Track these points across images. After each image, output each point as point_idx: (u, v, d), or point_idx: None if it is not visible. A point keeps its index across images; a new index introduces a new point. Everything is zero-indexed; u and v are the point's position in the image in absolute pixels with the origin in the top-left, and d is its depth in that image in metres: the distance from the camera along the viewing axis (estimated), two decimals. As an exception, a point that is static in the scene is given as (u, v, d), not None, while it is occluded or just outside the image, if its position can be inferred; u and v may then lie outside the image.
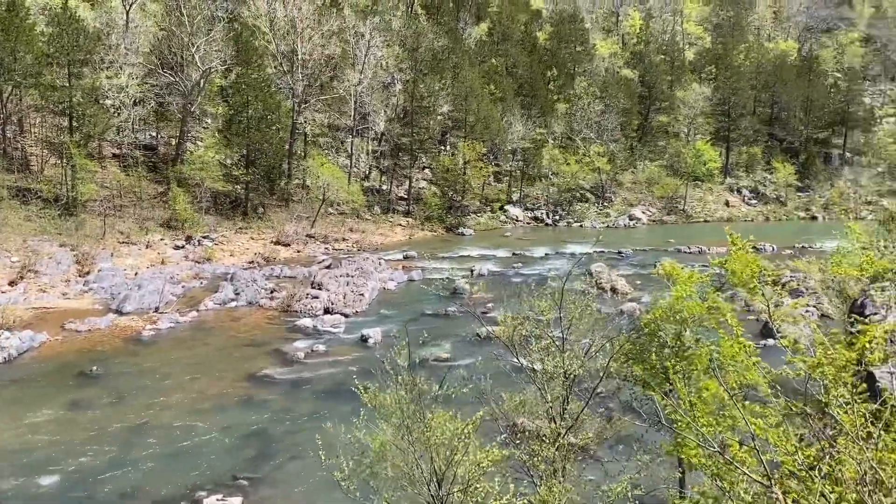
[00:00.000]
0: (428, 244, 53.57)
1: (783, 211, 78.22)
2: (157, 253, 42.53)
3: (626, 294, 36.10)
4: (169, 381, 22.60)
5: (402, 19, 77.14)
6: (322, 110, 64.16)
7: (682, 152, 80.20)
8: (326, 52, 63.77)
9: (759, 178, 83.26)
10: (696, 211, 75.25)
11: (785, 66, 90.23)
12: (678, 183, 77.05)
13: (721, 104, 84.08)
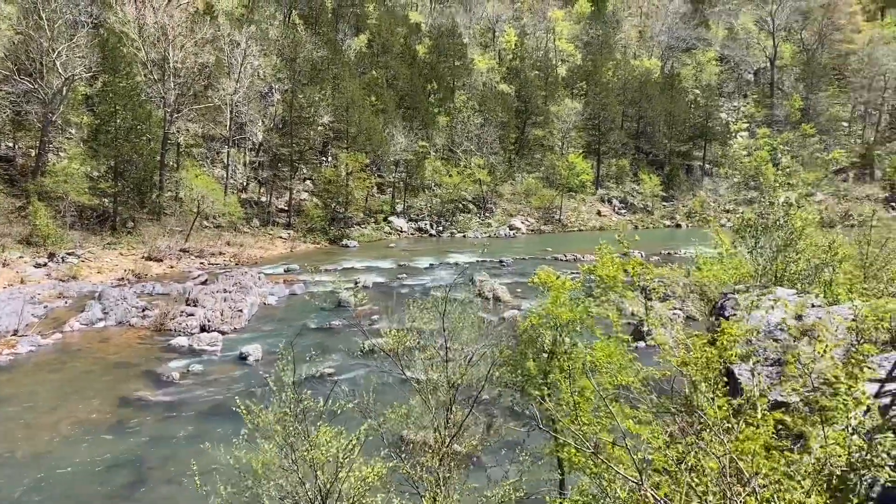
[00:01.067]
0: (311, 257, 53.01)
1: (650, 220, 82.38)
2: (15, 272, 40.07)
3: (507, 302, 36.90)
4: (31, 408, 21.26)
5: (279, 28, 76.42)
6: (196, 120, 62.35)
7: (556, 165, 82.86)
8: (200, 61, 62.20)
9: (627, 189, 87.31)
10: (571, 220, 78.06)
11: (649, 82, 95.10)
12: (554, 194, 79.71)
13: (591, 119, 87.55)
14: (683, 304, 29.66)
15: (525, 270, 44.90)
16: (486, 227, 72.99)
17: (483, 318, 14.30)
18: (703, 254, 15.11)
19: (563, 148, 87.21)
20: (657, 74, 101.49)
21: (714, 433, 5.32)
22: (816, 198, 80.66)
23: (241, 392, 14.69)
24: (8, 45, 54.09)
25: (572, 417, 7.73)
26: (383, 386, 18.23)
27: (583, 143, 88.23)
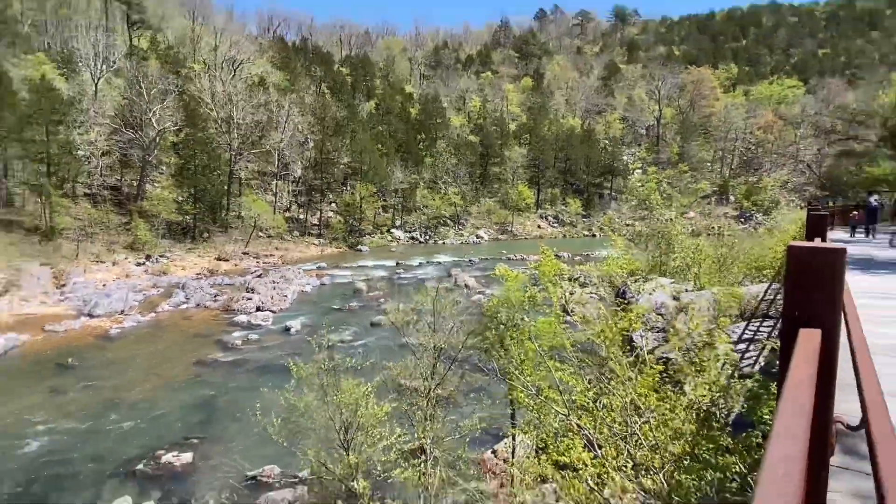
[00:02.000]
0: (335, 258, 52.81)
1: (574, 231, 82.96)
2: (122, 269, 39.53)
3: (474, 289, 36.91)
4: (133, 367, 21.01)
5: (312, 96, 76.02)
6: (253, 161, 61.93)
7: (509, 192, 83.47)
8: (256, 118, 61.82)
9: (558, 209, 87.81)
10: (519, 231, 78.45)
11: (573, 135, 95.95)
12: (507, 213, 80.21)
13: (533, 160, 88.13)
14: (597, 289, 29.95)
15: (487, 267, 44.87)
16: (460, 236, 73.11)
17: (458, 301, 14.28)
18: (610, 254, 15.28)
19: (513, 180, 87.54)
20: (579, 129, 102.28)
21: (619, 381, 5.38)
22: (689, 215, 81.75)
23: (285, 354, 14.61)
24: (117, 107, 53.54)
25: (520, 371, 7.77)
26: (386, 349, 18.22)
27: (527, 177, 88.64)
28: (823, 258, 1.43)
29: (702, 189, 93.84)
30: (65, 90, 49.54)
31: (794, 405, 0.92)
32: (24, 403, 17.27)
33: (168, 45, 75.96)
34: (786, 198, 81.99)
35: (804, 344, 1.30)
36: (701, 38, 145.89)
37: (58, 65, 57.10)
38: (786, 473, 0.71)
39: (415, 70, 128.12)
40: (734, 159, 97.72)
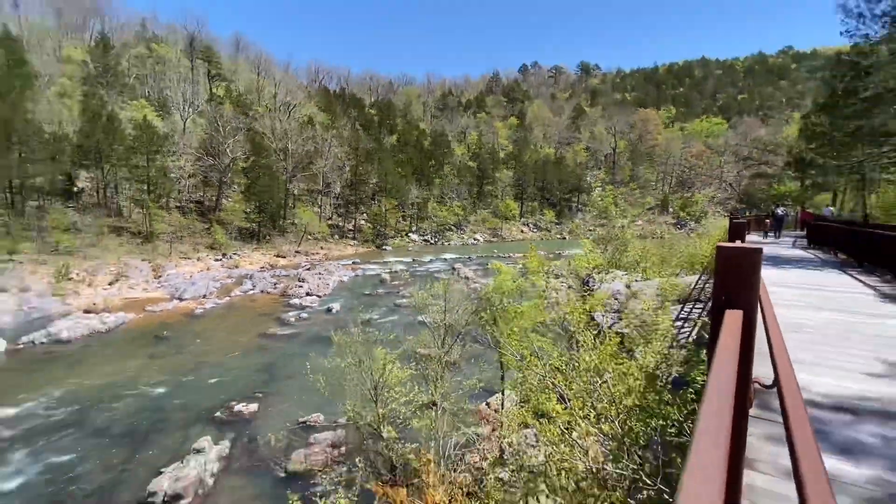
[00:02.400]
0: (366, 256, 52.77)
1: (549, 235, 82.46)
2: (204, 264, 39.69)
3: (473, 279, 36.83)
4: (212, 338, 21.10)
5: (348, 131, 76.06)
6: (303, 181, 62.17)
7: (499, 205, 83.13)
8: (305, 149, 61.92)
9: (537, 218, 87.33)
10: (507, 235, 78.08)
11: (549, 162, 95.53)
12: (498, 221, 79.80)
13: (518, 180, 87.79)
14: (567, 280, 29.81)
15: (483, 263, 44.89)
16: (461, 239, 72.86)
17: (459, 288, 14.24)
18: (579, 253, 15.22)
19: (502, 196, 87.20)
20: (553, 157, 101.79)
21: (585, 349, 5.35)
22: (637, 223, 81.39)
23: (329, 328, 14.60)
24: (200, 140, 53.77)
25: (509, 341, 7.74)
26: (407, 325, 18.20)
27: (513, 193, 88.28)
28: (745, 255, 1.42)
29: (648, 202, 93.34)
30: (160, 128, 49.80)
31: (722, 367, 0.91)
32: (132, 365, 17.41)
33: (239, 93, 76.27)
34: (713, 209, 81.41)
35: (729, 322, 1.29)
36: (647, 86, 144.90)
37: (155, 108, 57.47)
38: (718, 418, 0.71)
39: (426, 111, 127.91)
40: (672, 179, 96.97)
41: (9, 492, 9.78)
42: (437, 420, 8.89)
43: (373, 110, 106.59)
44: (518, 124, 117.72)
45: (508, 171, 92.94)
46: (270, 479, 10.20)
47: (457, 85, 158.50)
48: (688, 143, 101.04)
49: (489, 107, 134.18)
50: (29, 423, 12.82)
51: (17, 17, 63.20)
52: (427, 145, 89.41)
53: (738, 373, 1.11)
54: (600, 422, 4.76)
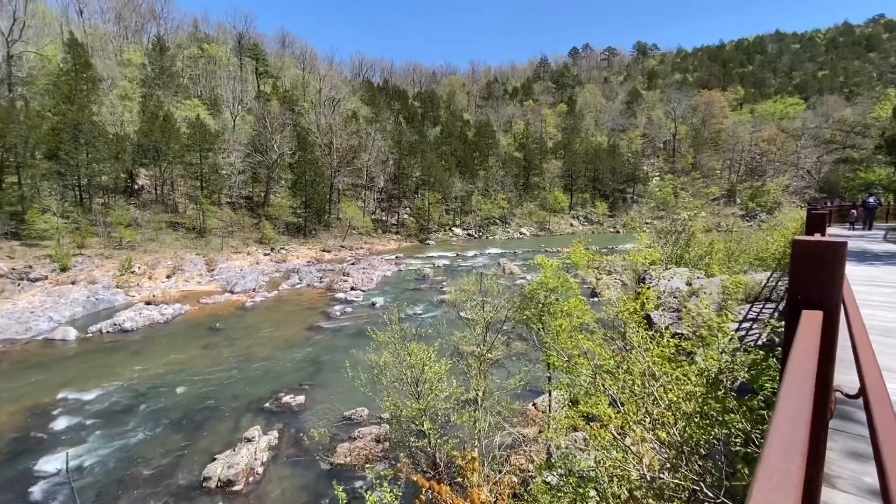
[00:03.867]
0: (409, 250, 53.47)
1: (601, 228, 79.91)
2: (253, 258, 41.69)
3: (518, 275, 36.48)
4: (261, 330, 22.17)
5: (392, 125, 77.09)
6: (348, 175, 63.74)
7: (547, 197, 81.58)
8: (350, 143, 63.43)
9: (588, 210, 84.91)
10: (555, 229, 76.49)
11: (601, 150, 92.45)
12: (545, 214, 78.33)
13: (567, 171, 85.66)
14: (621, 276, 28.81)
15: (528, 258, 44.31)
16: (506, 233, 72.19)
17: (503, 284, 14.10)
18: (634, 247, 14.59)
19: (550, 188, 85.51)
20: (605, 145, 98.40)
21: (637, 351, 5.16)
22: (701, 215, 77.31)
23: (372, 323, 14.97)
24: (249, 137, 56.28)
25: (555, 340, 7.60)
26: (448, 321, 18.30)
27: (562, 185, 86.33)
28: (826, 249, 1.30)
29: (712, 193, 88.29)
30: (212, 125, 52.71)
31: (798, 372, 0.84)
32: (188, 355, 18.65)
33: (285, 90, 79.18)
34: (787, 200, 75.80)
35: (807, 323, 1.19)
36: (712, 66, 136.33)
37: (207, 107, 60.77)
38: (793, 427, 0.66)
39: (471, 101, 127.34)
40: (741, 167, 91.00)
41: (82, 469, 10.79)
42: (480, 419, 8.90)
43: (416, 102, 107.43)
44: (567, 111, 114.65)
45: (557, 161, 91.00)
46: (316, 471, 10.63)
47: (502, 72, 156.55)
48: (758, 126, 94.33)
49: (536, 94, 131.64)
50: (99, 406, 14.07)
51: (82, 23, 68.80)
52: (471, 136, 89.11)
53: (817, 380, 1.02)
54: (656, 428, 4.58)
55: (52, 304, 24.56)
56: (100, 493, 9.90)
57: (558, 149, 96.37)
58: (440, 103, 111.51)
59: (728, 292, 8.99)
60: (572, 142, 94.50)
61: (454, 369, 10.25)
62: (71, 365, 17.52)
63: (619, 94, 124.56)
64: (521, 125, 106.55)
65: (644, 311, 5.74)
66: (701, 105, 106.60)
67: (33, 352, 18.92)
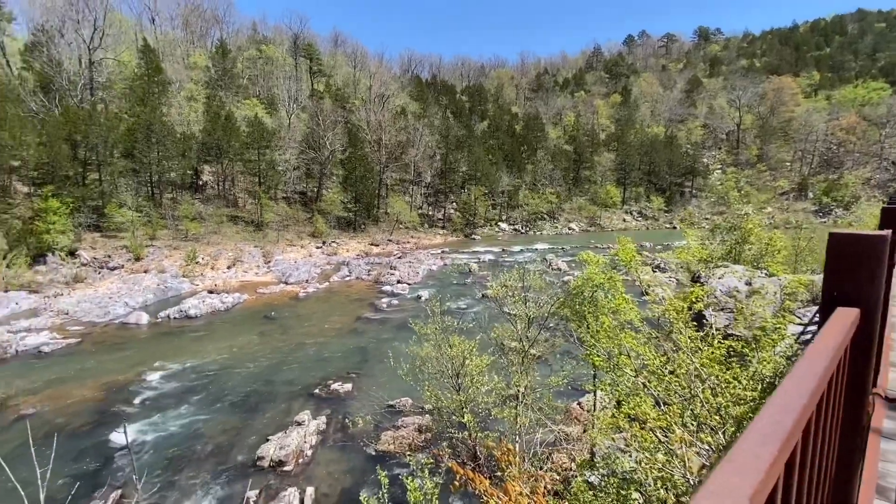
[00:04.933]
0: (455, 245, 53.74)
1: (657, 224, 76.61)
2: (306, 251, 43.36)
3: (566, 271, 35.73)
4: (312, 320, 23.10)
5: (440, 120, 77.46)
6: (396, 171, 64.82)
7: (598, 192, 79.19)
8: (398, 139, 64.43)
9: (642, 205, 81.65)
10: (606, 224, 74.11)
11: (656, 141, 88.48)
12: (596, 209, 76.15)
13: (620, 164, 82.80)
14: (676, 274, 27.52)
15: (577, 253, 43.23)
16: (555, 228, 70.83)
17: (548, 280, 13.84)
18: (685, 244, 13.84)
19: (602, 181, 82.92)
20: (662, 136, 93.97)
21: (684, 352, 4.96)
22: (767, 210, 72.33)
23: (417, 315, 15.16)
24: (303, 134, 58.44)
25: (596, 339, 7.43)
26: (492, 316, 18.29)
27: (614, 178, 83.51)
28: (865, 244, 1.23)
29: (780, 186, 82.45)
30: (269, 124, 55.20)
31: (807, 366, 0.82)
32: (245, 341, 19.81)
33: (337, 88, 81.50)
34: (867, 194, 69.26)
35: (837, 319, 1.13)
36: (783, 50, 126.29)
37: (264, 106, 63.69)
38: (780, 417, 0.63)
39: (519, 94, 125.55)
40: (814, 159, 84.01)
41: (147, 444, 11.79)
42: (521, 414, 8.87)
43: (464, 96, 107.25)
44: (621, 102, 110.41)
45: (609, 153, 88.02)
46: (362, 456, 11.02)
47: (553, 63, 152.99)
48: (835, 113, 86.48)
49: (588, 84, 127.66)
50: (166, 385, 15.27)
51: (154, 30, 73.95)
52: (519, 130, 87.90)
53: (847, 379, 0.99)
54: (702, 431, 4.41)
55: (127, 290, 26.81)
56: (166, 465, 10.77)
57: (611, 141, 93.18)
58: (488, 97, 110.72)
59: (790, 293, 8.39)
60: (626, 133, 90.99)
61: (496, 365, 10.27)
62: (143, 347, 19.08)
63: (678, 83, 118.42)
64: (571, 117, 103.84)
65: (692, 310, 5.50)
66: (769, 92, 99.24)
67: (111, 334, 20.76)
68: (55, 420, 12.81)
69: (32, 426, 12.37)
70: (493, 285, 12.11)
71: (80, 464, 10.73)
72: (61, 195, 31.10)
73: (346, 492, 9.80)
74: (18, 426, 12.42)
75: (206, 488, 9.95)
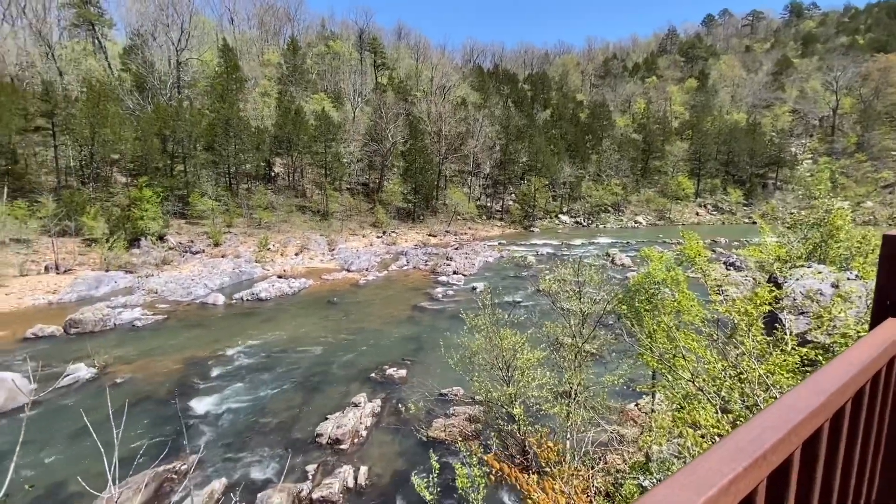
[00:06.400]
0: (512, 237, 53.19)
1: (734, 219, 71.15)
2: (367, 240, 44.83)
3: (629, 267, 34.26)
4: (371, 306, 23.90)
5: (500, 110, 76.53)
6: (455, 162, 65.02)
7: (668, 183, 74.88)
8: (458, 130, 64.46)
9: (718, 198, 76.13)
10: (677, 218, 69.96)
11: (737, 129, 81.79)
12: (665, 201, 72.09)
13: (694, 154, 77.65)
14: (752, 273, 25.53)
15: (642, 248, 41.26)
16: (619, 221, 67.95)
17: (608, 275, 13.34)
18: (761, 241, 12.68)
19: (673, 172, 78.27)
20: (743, 123, 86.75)
21: (749, 358, 4.64)
22: (867, 205, 64.76)
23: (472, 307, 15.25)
24: (367, 127, 60.16)
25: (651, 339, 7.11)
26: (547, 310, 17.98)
27: (687, 169, 78.56)
28: (927, 249, 1.10)
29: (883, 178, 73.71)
30: (335, 117, 57.34)
31: (826, 376, 0.76)
32: (309, 323, 20.96)
33: (400, 80, 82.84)
34: None
35: (882, 331, 1.03)
36: (891, 24, 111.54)
37: (331, 100, 66.17)
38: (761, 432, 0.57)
39: (585, 81, 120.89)
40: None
41: (219, 415, 12.87)
42: (573, 412, 8.70)
43: (526, 85, 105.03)
44: (698, 87, 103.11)
45: (683, 142, 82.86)
46: (413, 441, 11.35)
47: (622, 48, 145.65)
48: (959, 94, 75.45)
49: (661, 69, 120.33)
50: (237, 362, 16.54)
51: (233, 30, 78.93)
52: (584, 118, 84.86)
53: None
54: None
55: (206, 273, 29.19)
56: (236, 435, 11.72)
57: (685, 129, 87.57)
58: (551, 85, 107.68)
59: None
60: (702, 120, 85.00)
61: (548, 360, 10.13)
62: (219, 326, 20.76)
63: (764, 65, 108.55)
64: (641, 104, 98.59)
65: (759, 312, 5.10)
66: (874, 72, 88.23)
67: (192, 312, 22.76)
68: (144, 388, 14.32)
69: (126, 392, 13.93)
70: (546, 279, 11.87)
71: (164, 428, 11.95)
72: (153, 185, 34.32)
73: (397, 473, 10.16)
74: (116, 391, 14.03)
75: (269, 459, 10.73)
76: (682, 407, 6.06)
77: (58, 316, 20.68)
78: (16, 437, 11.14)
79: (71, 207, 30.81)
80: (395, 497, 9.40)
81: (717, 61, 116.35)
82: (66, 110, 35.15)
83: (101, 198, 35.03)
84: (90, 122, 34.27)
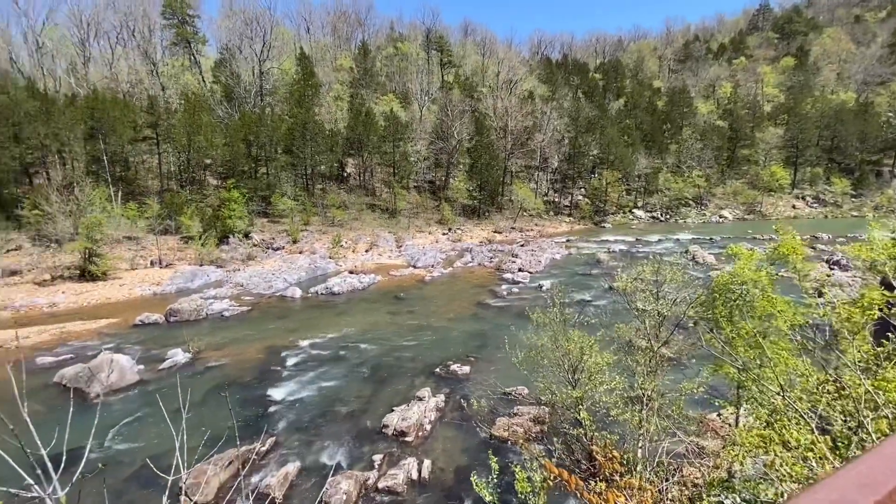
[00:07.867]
0: (581, 233, 51.36)
1: (839, 212, 63.39)
2: (433, 237, 45.47)
3: (713, 265, 31.76)
4: (437, 302, 24.19)
5: (569, 101, 74.07)
6: (521, 157, 63.93)
7: (760, 173, 68.32)
8: (524, 125, 63.34)
9: (819, 188, 68.26)
10: (770, 212, 63.67)
11: (844, 111, 72.60)
12: (756, 194, 65.86)
13: (791, 140, 70.14)
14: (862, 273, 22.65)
15: (728, 245, 38.03)
16: (702, 216, 63.14)
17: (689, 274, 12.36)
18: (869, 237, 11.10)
19: (766, 161, 71.29)
20: (852, 104, 76.88)
21: (853, 370, 4.06)
22: None
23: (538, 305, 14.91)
24: (433, 125, 60.93)
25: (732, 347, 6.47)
26: (619, 310, 17.12)
27: (782, 157, 71.17)
28: None
29: None
30: (403, 117, 58.70)
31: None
32: (378, 318, 21.68)
33: (465, 77, 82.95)
34: None
35: None
36: None
37: (399, 101, 67.80)
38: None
39: (663, 66, 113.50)
40: None
41: (294, 401, 13.67)
42: (646, 419, 8.19)
43: (597, 74, 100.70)
44: (795, 65, 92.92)
45: (776, 128, 75.33)
46: (476, 438, 11.34)
47: (705, 29, 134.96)
48: None
49: (751, 49, 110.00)
50: (312, 353, 17.50)
51: (309, 38, 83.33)
52: (662, 106, 79.85)
53: None
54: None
55: (286, 268, 31.18)
56: (308, 421, 12.40)
57: (779, 113, 79.47)
58: (625, 73, 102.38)
59: None
60: (800, 103, 76.50)
61: (618, 363, 9.63)
62: (297, 317, 22.09)
63: (879, 36, 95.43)
64: (727, 88, 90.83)
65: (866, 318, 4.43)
66: None
67: (273, 305, 24.43)
68: (231, 373, 15.59)
69: (216, 376, 15.26)
70: (621, 277, 11.26)
71: (247, 410, 12.94)
72: (239, 187, 37.25)
73: (459, 469, 10.20)
74: (208, 375, 15.42)
75: (339, 445, 11.23)
76: (770, 423, 5.46)
77: (160, 305, 23.15)
78: (126, 410, 12.64)
79: (171, 208, 34.31)
80: (458, 493, 9.44)
81: (819, 35, 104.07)
82: (167, 121, 39.19)
83: (196, 199, 38.66)
84: (187, 130, 37.94)
